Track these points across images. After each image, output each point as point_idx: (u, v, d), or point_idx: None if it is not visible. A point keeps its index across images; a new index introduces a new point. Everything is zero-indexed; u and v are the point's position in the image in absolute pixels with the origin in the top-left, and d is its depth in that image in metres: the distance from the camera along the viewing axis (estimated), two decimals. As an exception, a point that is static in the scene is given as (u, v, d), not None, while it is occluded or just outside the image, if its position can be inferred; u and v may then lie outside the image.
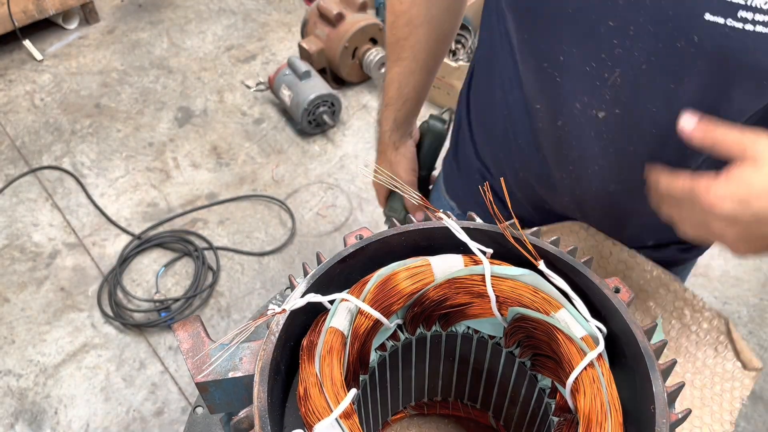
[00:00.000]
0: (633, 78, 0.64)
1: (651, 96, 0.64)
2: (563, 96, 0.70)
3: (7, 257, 2.10)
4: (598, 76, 0.65)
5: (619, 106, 0.67)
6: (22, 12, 2.68)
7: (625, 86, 0.65)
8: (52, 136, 2.50)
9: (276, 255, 2.13)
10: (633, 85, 0.64)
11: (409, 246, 0.56)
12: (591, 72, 0.65)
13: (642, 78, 0.63)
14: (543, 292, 0.53)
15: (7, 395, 1.78)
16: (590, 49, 0.64)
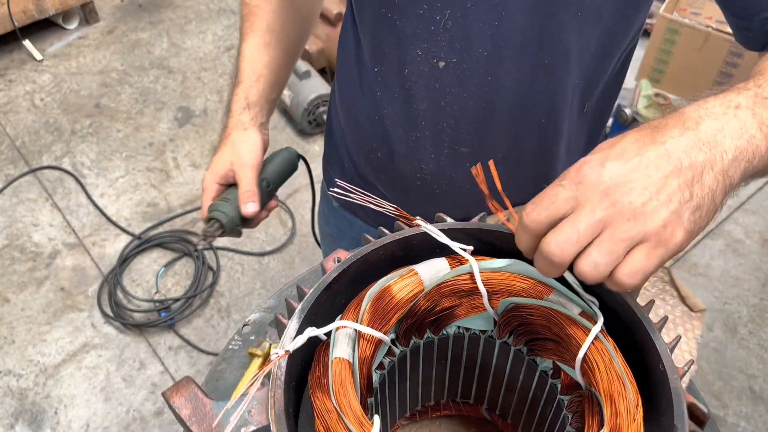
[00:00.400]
0: (461, 19, 0.66)
1: (479, 37, 0.67)
2: (405, 43, 0.71)
3: (7, 257, 2.10)
4: (431, 19, 0.67)
5: (455, 54, 0.69)
6: (22, 12, 2.68)
7: (455, 29, 0.67)
8: (52, 136, 2.50)
9: (276, 255, 2.13)
10: (462, 27, 0.66)
11: (388, 258, 0.55)
12: (425, 15, 0.67)
13: (468, 18, 0.65)
14: (532, 278, 0.53)
15: (7, 395, 1.78)
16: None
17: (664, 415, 0.46)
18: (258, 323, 0.83)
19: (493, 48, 0.67)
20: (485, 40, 0.67)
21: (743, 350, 1.91)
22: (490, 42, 0.67)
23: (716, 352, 1.87)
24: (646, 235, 0.42)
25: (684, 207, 0.42)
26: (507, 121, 0.75)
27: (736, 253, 2.16)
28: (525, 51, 0.68)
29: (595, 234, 0.42)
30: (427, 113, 0.75)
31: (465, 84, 0.71)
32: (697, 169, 0.43)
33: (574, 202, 0.43)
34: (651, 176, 0.42)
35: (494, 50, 0.68)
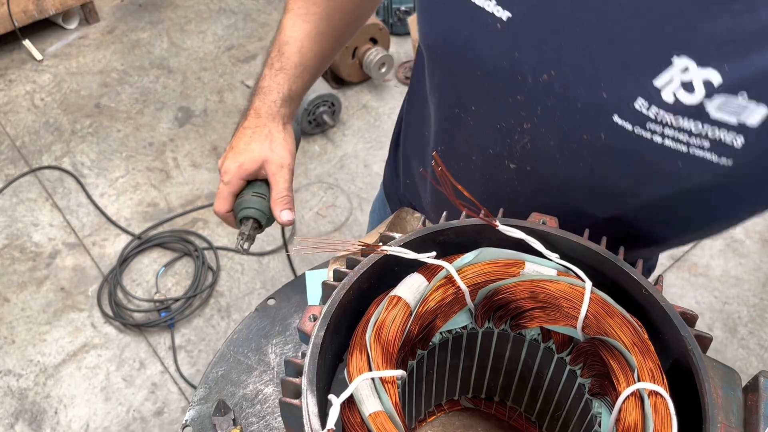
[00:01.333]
0: (542, 149, 0.61)
1: (560, 171, 0.62)
2: (476, 141, 0.67)
3: (7, 257, 2.10)
4: (509, 136, 0.62)
5: (530, 165, 0.64)
6: (22, 12, 2.68)
7: (535, 153, 0.62)
8: (52, 136, 2.50)
9: (276, 255, 2.13)
10: (543, 155, 0.61)
11: (358, 293, 0.53)
12: (502, 130, 0.62)
13: (552, 152, 0.60)
14: (501, 259, 0.54)
15: (7, 395, 1.78)
16: (500, 111, 0.61)
17: (666, 332, 0.50)
18: (199, 420, 0.76)
19: (571, 180, 0.62)
20: (562, 170, 0.62)
21: (743, 350, 1.91)
22: (568, 176, 0.62)
23: (716, 352, 1.87)
24: None
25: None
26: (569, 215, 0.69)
27: (736, 253, 2.16)
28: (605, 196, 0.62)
29: None
30: (483, 194, 0.70)
31: (537, 186, 0.66)
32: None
33: None
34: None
35: (571, 181, 0.62)
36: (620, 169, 0.57)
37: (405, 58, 2.81)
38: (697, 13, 0.47)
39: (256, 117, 0.78)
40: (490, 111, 0.62)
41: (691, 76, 0.48)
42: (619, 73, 0.51)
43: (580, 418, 0.58)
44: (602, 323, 0.50)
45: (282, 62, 0.77)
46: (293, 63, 0.77)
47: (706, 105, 0.48)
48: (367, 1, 0.82)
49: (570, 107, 0.55)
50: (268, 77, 0.78)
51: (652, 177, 0.56)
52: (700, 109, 0.49)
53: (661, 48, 0.49)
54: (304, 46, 0.77)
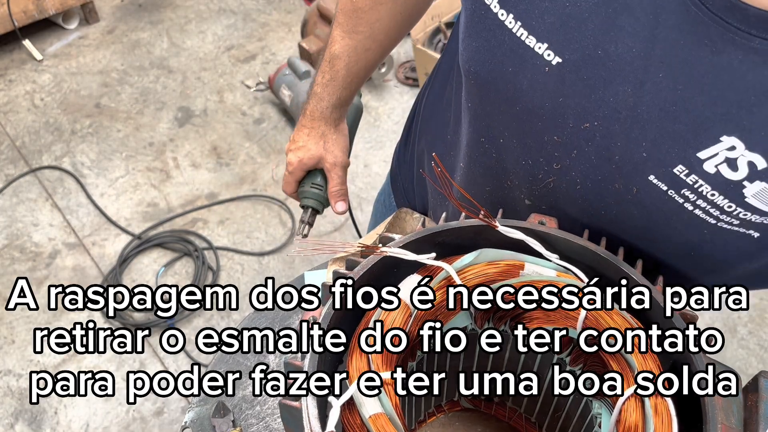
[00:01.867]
0: (565, 191, 0.60)
1: (579, 214, 0.62)
2: (494, 170, 0.66)
3: (7, 257, 2.10)
4: (532, 174, 0.62)
5: (546, 204, 0.64)
6: (22, 12, 2.68)
7: (557, 192, 0.61)
8: (52, 136, 2.50)
9: (276, 255, 2.13)
10: (564, 197, 0.61)
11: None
12: (527, 166, 0.62)
13: (574, 195, 0.60)
14: (502, 260, 0.54)
15: (7, 395, 1.78)
16: (531, 149, 0.60)
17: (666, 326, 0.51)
18: (198, 422, 0.77)
19: (586, 221, 0.62)
20: (580, 214, 0.62)
21: (743, 350, 1.91)
22: (585, 220, 0.62)
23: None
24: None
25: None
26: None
27: None
28: (617, 234, 0.62)
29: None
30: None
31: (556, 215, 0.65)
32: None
33: None
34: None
35: (586, 223, 0.62)
36: (644, 222, 0.56)
37: (405, 58, 2.81)
38: (754, 97, 0.46)
39: (311, 119, 0.89)
40: (519, 146, 0.61)
41: (737, 155, 0.48)
42: (665, 139, 0.50)
43: (580, 419, 0.58)
44: (602, 324, 0.50)
45: (332, 74, 0.86)
46: (342, 75, 0.86)
47: (745, 186, 0.48)
48: (411, 17, 0.85)
49: (608, 156, 0.54)
50: (321, 85, 0.88)
51: (676, 237, 0.56)
52: (738, 188, 0.48)
53: (712, 124, 0.48)
54: (351, 60, 0.85)
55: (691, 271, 0.61)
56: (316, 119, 0.89)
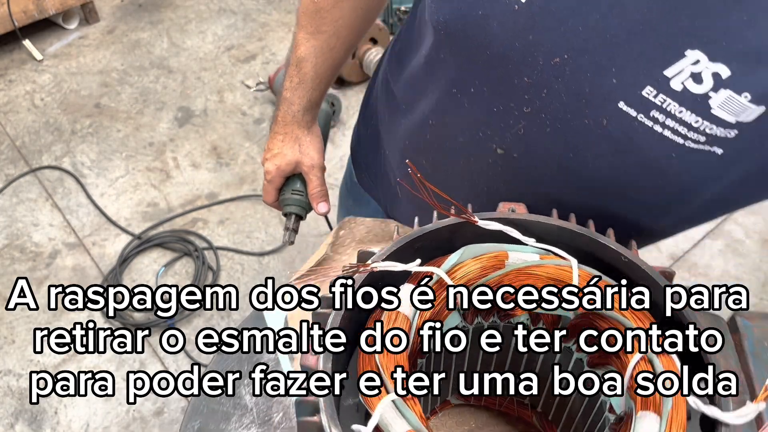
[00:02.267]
0: (536, 137, 0.62)
1: (549, 159, 0.63)
2: (467, 122, 0.67)
3: (7, 257, 2.10)
4: (504, 120, 0.63)
5: (517, 151, 0.65)
6: (22, 12, 2.68)
7: (527, 138, 0.63)
8: (52, 136, 2.50)
9: (276, 255, 2.13)
10: (534, 142, 0.62)
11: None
12: (498, 113, 0.63)
13: (544, 140, 0.61)
14: (486, 254, 0.54)
15: (7, 395, 1.78)
16: (501, 95, 0.61)
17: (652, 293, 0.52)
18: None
19: (559, 171, 0.63)
20: (553, 161, 0.62)
21: (743, 350, 1.91)
22: (557, 165, 0.63)
23: (716, 352, 1.87)
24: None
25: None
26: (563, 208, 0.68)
27: (736, 253, 2.16)
28: (592, 189, 0.63)
29: None
30: (467, 173, 0.72)
31: (518, 174, 0.67)
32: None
33: None
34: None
35: (559, 172, 0.63)
36: (611, 158, 0.58)
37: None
38: (714, 9, 0.48)
39: (284, 124, 0.89)
40: (490, 93, 0.63)
41: (701, 68, 0.49)
42: (633, 62, 0.52)
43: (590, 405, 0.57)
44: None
45: (300, 77, 0.86)
46: (311, 76, 0.86)
47: (710, 97, 0.50)
48: (371, 11, 0.85)
49: (578, 90, 0.56)
50: (290, 90, 0.88)
51: (643, 166, 0.58)
52: (704, 101, 0.50)
53: (677, 40, 0.50)
54: (318, 61, 0.85)
55: (657, 210, 0.64)
56: (288, 124, 0.89)
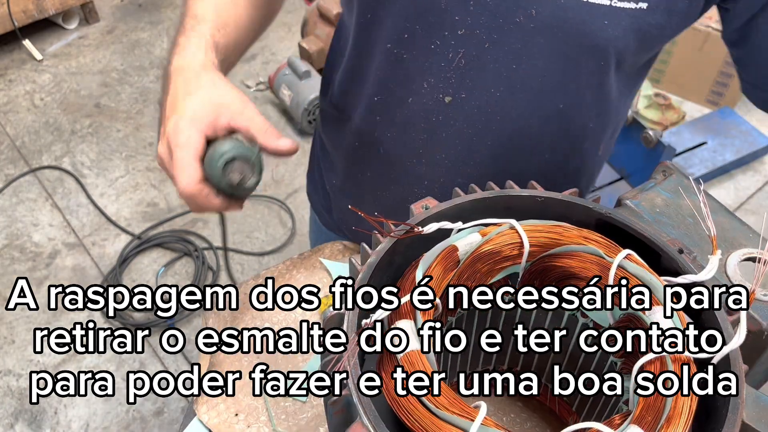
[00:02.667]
0: (477, 58, 0.63)
1: (494, 77, 0.64)
2: (411, 76, 0.68)
3: (7, 257, 2.10)
4: (443, 56, 0.64)
5: (464, 90, 0.66)
6: (22, 12, 2.68)
7: (469, 68, 0.64)
8: (52, 136, 2.50)
9: (276, 255, 2.13)
10: (477, 66, 0.64)
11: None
12: (436, 50, 0.64)
13: (485, 57, 0.63)
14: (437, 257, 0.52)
15: (7, 395, 1.78)
16: (433, 26, 0.63)
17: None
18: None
19: (508, 90, 0.65)
20: (500, 81, 0.64)
21: (743, 350, 1.91)
22: (506, 83, 0.64)
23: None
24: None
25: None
26: (511, 156, 0.71)
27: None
28: (541, 94, 0.65)
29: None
30: (426, 143, 0.72)
31: (471, 120, 0.68)
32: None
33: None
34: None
35: (509, 92, 0.65)
36: (549, 53, 0.62)
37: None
38: None
39: (182, 74, 0.61)
40: (425, 33, 0.64)
41: None
42: None
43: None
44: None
45: (199, 13, 0.65)
46: (210, 16, 0.65)
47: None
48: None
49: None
50: (185, 35, 0.64)
51: (581, 47, 0.61)
52: None
53: None
54: (218, 6, 0.67)
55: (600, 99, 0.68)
56: (194, 68, 0.61)
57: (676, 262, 0.50)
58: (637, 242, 0.52)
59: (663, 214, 0.59)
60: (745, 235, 0.60)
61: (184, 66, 0.61)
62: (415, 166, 0.76)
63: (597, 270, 0.50)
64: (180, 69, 0.61)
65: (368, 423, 0.41)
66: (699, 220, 0.58)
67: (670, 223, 0.59)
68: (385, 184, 0.81)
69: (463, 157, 0.72)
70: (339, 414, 0.44)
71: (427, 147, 0.73)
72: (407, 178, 0.78)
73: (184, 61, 0.62)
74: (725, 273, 0.55)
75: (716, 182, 2.35)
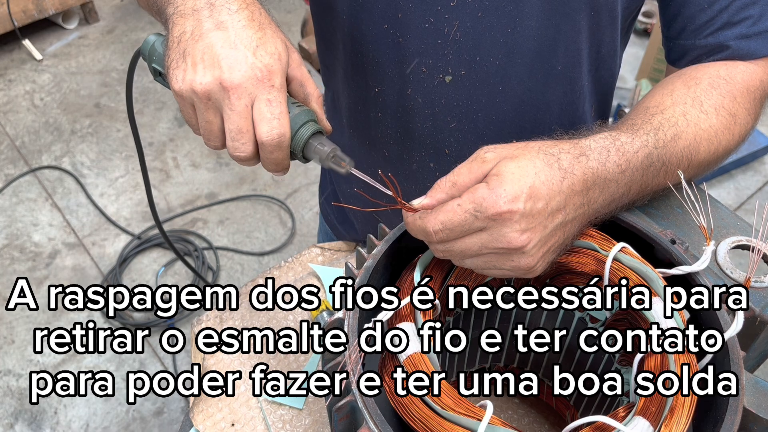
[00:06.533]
0: (471, 29, 0.63)
1: (491, 46, 0.64)
2: (408, 60, 0.67)
3: (7, 257, 2.10)
4: (438, 32, 0.64)
5: (463, 66, 0.66)
6: (22, 12, 2.68)
7: (465, 40, 0.64)
8: (52, 135, 2.50)
9: (276, 255, 2.13)
10: (473, 37, 0.64)
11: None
12: (431, 28, 0.64)
13: (479, 26, 0.63)
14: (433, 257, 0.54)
15: (7, 395, 1.78)
16: (426, 1, 0.63)
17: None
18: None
19: (506, 56, 0.65)
20: (497, 48, 0.64)
21: (743, 350, 1.91)
22: (503, 50, 0.65)
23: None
24: (513, 268, 0.46)
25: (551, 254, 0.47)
26: (518, 131, 0.71)
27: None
28: (539, 56, 0.66)
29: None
30: (431, 131, 0.72)
31: (474, 96, 0.68)
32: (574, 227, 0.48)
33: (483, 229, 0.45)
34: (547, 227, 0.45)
35: (507, 58, 0.65)
36: (541, 12, 0.62)
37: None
38: None
39: (243, 6, 0.52)
40: (415, 7, 0.64)
41: None
42: None
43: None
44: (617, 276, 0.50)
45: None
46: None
47: None
48: None
49: None
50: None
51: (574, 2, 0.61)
52: None
53: None
54: None
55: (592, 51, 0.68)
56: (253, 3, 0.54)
57: (670, 254, 0.50)
58: (631, 235, 0.53)
59: (651, 206, 0.59)
60: (733, 222, 0.60)
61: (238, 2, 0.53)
62: (420, 160, 0.75)
63: (593, 264, 0.50)
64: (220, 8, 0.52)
65: (374, 427, 0.40)
66: (687, 210, 0.58)
67: (659, 215, 0.59)
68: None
69: (470, 140, 0.72)
70: (344, 420, 0.44)
71: (432, 135, 0.72)
72: (415, 172, 0.77)
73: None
74: (716, 261, 0.55)
75: (716, 182, 2.35)
